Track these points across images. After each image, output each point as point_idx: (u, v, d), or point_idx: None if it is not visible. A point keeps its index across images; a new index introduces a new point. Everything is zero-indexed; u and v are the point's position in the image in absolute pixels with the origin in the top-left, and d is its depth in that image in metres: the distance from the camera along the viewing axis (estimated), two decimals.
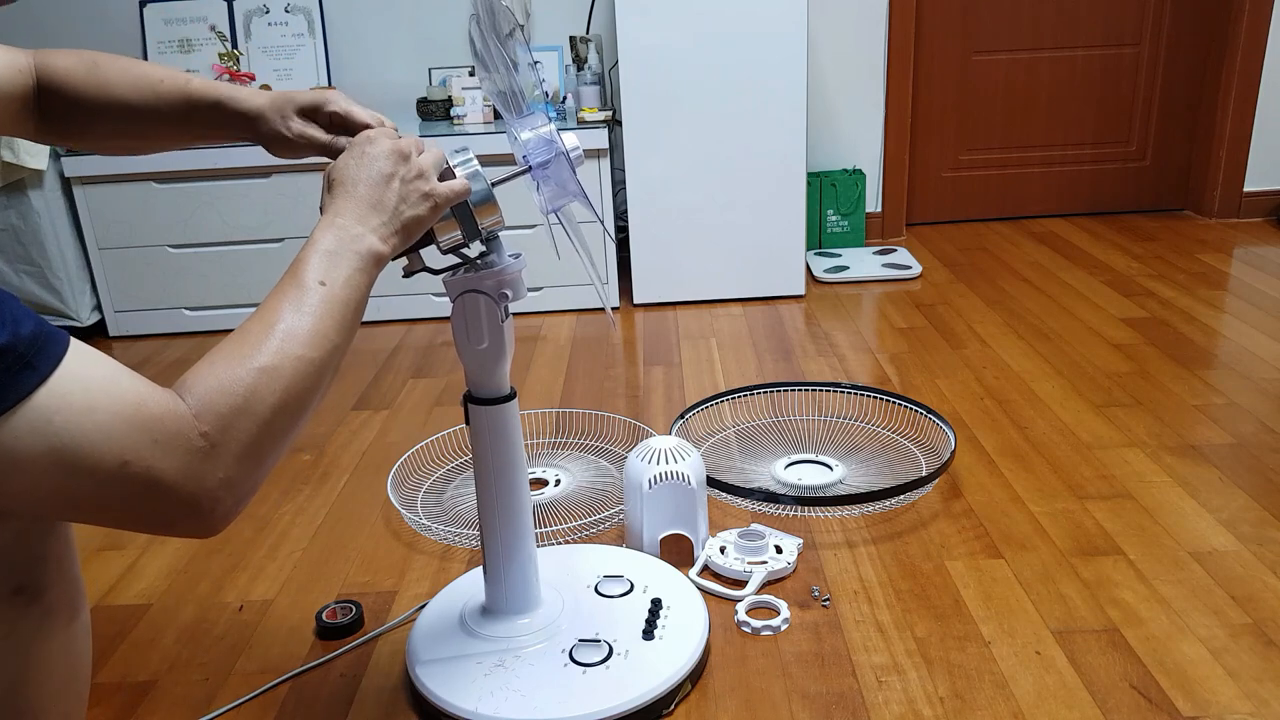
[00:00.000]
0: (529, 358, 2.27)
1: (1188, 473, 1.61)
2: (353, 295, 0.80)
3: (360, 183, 0.85)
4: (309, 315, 0.76)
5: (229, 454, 0.69)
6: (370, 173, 0.86)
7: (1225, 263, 2.69)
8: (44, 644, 0.77)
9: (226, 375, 0.70)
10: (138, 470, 0.65)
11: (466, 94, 2.57)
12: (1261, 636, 1.22)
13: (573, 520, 1.55)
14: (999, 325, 2.31)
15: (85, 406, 0.63)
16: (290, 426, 0.74)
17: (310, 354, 0.75)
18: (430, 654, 1.17)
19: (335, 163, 0.88)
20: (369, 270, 0.82)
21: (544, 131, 1.01)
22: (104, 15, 2.81)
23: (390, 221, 0.85)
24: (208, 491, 0.68)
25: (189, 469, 0.67)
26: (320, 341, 0.76)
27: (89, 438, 0.63)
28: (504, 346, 1.07)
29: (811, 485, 1.62)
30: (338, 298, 0.78)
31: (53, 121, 0.96)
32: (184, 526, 0.69)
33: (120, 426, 0.64)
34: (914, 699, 1.14)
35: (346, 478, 1.74)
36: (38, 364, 0.62)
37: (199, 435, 0.67)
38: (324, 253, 0.80)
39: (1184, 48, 3.05)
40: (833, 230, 2.97)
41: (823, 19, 2.89)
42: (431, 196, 0.89)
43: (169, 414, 0.67)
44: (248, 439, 0.70)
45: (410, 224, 0.87)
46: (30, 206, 2.39)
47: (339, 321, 0.78)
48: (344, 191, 0.85)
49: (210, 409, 0.68)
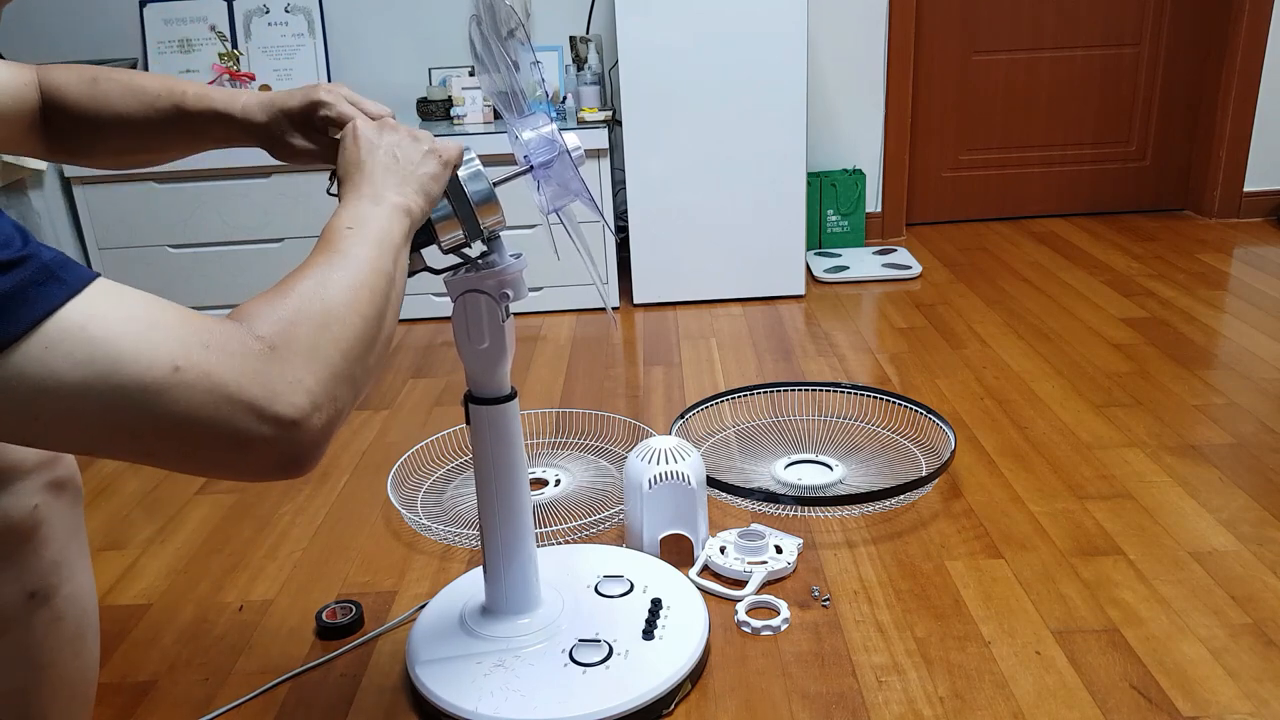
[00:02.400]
0: (529, 358, 2.27)
1: (1188, 473, 1.61)
2: (384, 233, 0.77)
3: (366, 156, 0.84)
4: (344, 246, 0.73)
5: (292, 354, 0.63)
6: (378, 144, 0.85)
7: (1225, 263, 2.69)
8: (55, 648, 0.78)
9: (271, 295, 0.66)
10: (193, 375, 0.58)
11: (466, 94, 2.57)
12: (1261, 636, 1.22)
13: (573, 520, 1.55)
14: (999, 325, 2.31)
15: (124, 315, 0.58)
16: (352, 338, 0.68)
17: (354, 272, 0.71)
18: (430, 654, 1.17)
19: (346, 150, 0.87)
20: (396, 216, 0.79)
21: (546, 131, 1.01)
22: (104, 15, 2.81)
23: (408, 180, 0.84)
24: (280, 396, 0.61)
25: (250, 370, 0.60)
26: (360, 264, 0.72)
27: (132, 343, 0.57)
28: (505, 346, 1.07)
29: (811, 485, 1.62)
30: (369, 234, 0.75)
31: (59, 139, 0.95)
32: (265, 447, 0.61)
33: (166, 332, 0.59)
34: (914, 699, 1.14)
35: (346, 478, 1.74)
36: (66, 278, 0.57)
37: (255, 338, 0.62)
38: (350, 214, 0.78)
39: (1184, 48, 3.05)
40: (833, 230, 2.97)
41: (823, 19, 2.89)
42: (435, 151, 0.87)
43: (217, 324, 0.61)
44: (308, 340, 0.64)
45: (426, 181, 0.85)
46: (30, 206, 2.39)
47: (376, 249, 0.74)
48: (355, 170, 0.84)
49: (258, 317, 0.63)
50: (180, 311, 0.61)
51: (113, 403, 0.57)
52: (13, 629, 0.74)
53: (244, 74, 2.77)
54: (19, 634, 0.75)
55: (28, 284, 0.55)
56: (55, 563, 0.76)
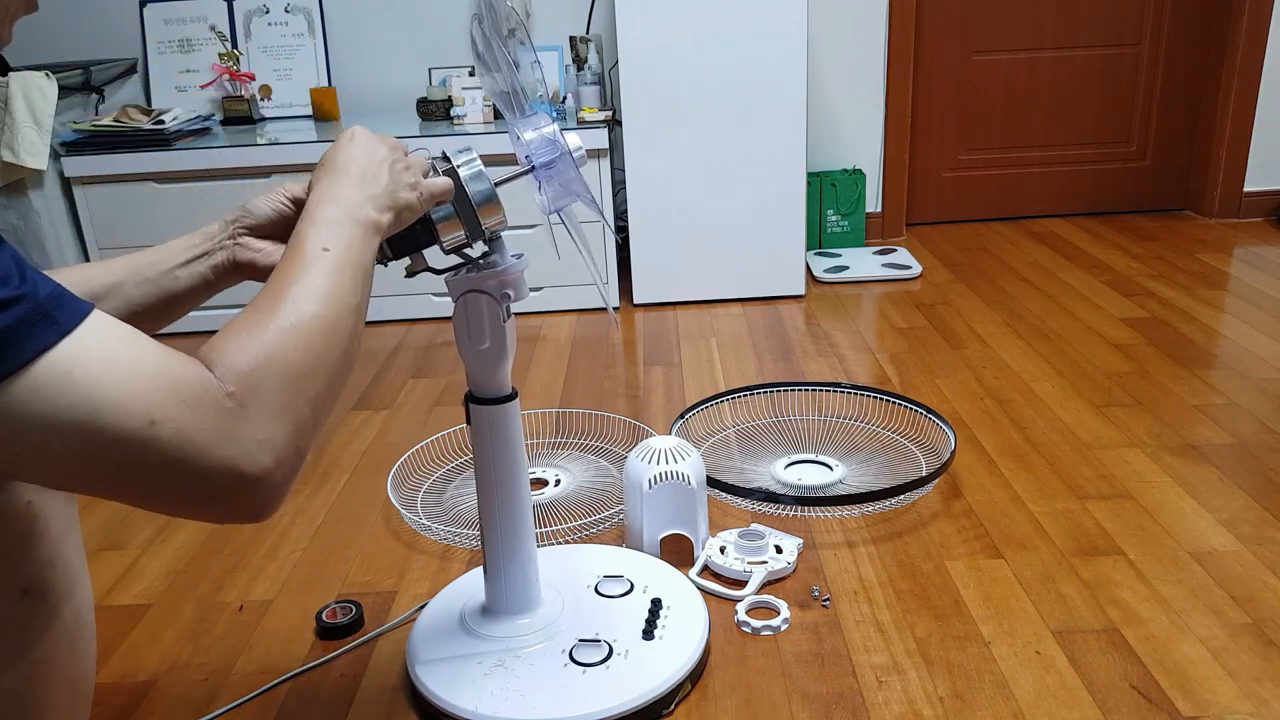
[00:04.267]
0: (529, 358, 2.27)
1: (1188, 473, 1.61)
2: (358, 259, 0.79)
3: (354, 163, 0.85)
4: (318, 276, 0.75)
5: (262, 412, 0.66)
6: (363, 155, 0.86)
7: (1225, 263, 2.69)
8: (50, 645, 0.77)
9: (244, 338, 0.68)
10: (167, 431, 0.61)
11: (466, 94, 2.57)
12: (1261, 636, 1.22)
13: (573, 520, 1.55)
14: (999, 325, 2.31)
15: (107, 360, 0.60)
16: (320, 388, 0.71)
17: (325, 312, 0.73)
18: (430, 654, 1.17)
19: (327, 150, 0.88)
20: (369, 239, 0.82)
21: (547, 131, 1.01)
22: (104, 15, 2.81)
23: (384, 196, 0.85)
24: (248, 455, 0.64)
25: (222, 429, 0.63)
26: (333, 300, 0.74)
27: (112, 394, 0.60)
28: (505, 346, 1.07)
29: (811, 485, 1.62)
30: (343, 260, 0.78)
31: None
32: (231, 501, 0.65)
33: (144, 384, 0.61)
34: (914, 699, 1.14)
35: (346, 478, 1.74)
36: (58, 318, 0.60)
37: (226, 395, 0.64)
38: (323, 222, 0.80)
39: (1184, 48, 3.05)
40: (833, 230, 2.97)
41: (823, 19, 2.89)
42: (419, 188, 0.89)
43: (195, 375, 0.64)
44: (277, 397, 0.67)
45: (402, 208, 0.87)
46: (30, 206, 2.39)
47: (349, 281, 0.77)
48: (336, 172, 0.85)
49: (232, 370, 0.66)
50: (159, 356, 0.63)
51: (88, 449, 0.60)
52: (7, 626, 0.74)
53: (244, 74, 2.77)
54: (14, 631, 0.74)
55: (21, 323, 0.58)
56: (50, 559, 0.76)
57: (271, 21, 2.79)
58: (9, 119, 2.27)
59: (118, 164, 2.42)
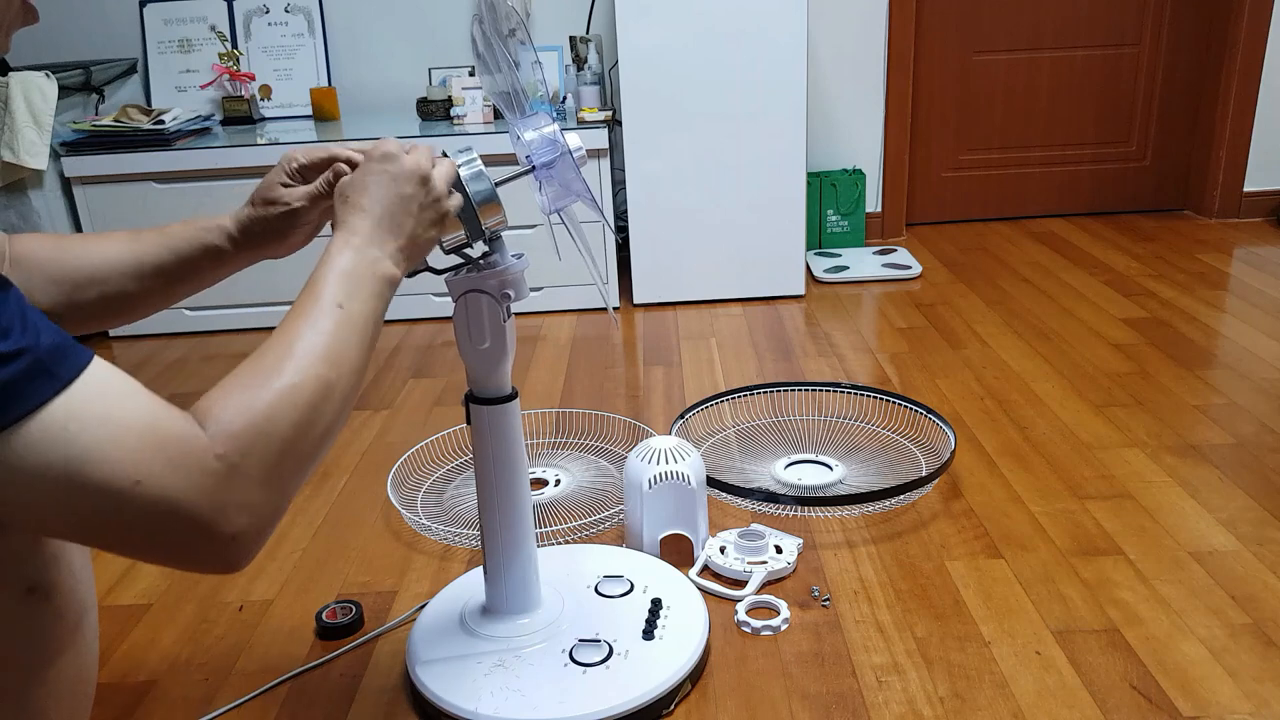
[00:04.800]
0: (529, 358, 2.27)
1: (1188, 473, 1.61)
2: (370, 318, 0.80)
3: (380, 203, 0.85)
4: (327, 335, 0.75)
5: (247, 477, 0.66)
6: (391, 195, 0.85)
7: (1225, 263, 2.69)
8: (53, 644, 0.77)
9: (244, 397, 0.68)
10: (151, 491, 0.62)
11: (466, 94, 2.57)
12: (1261, 636, 1.22)
13: (573, 520, 1.55)
14: (999, 325, 2.31)
15: (101, 417, 0.61)
16: (311, 450, 0.72)
17: (330, 373, 0.73)
18: (430, 654, 1.17)
19: (352, 177, 0.87)
20: (385, 294, 0.82)
21: (548, 131, 1.01)
22: (104, 15, 2.81)
23: (407, 246, 0.86)
24: (226, 517, 0.65)
25: (205, 492, 0.64)
26: (340, 361, 0.75)
27: (102, 451, 0.61)
28: (506, 346, 1.07)
29: (811, 485, 1.62)
30: (356, 319, 0.78)
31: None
32: (204, 557, 0.66)
33: (134, 443, 0.62)
34: (914, 699, 1.14)
35: (346, 478, 1.74)
36: (57, 371, 0.60)
37: (214, 458, 0.65)
38: (342, 273, 0.79)
39: (1184, 48, 3.05)
40: (833, 230, 2.97)
41: (823, 19, 2.89)
42: (445, 217, 0.90)
43: (185, 435, 0.65)
44: (267, 461, 0.68)
45: (424, 246, 0.88)
46: (30, 206, 2.39)
47: (358, 342, 0.77)
48: (362, 211, 0.84)
49: (225, 430, 0.66)
50: (152, 412, 0.64)
51: (70, 500, 0.61)
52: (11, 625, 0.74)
53: (244, 74, 2.77)
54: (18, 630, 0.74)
55: (21, 378, 0.58)
56: (54, 556, 0.76)
57: (271, 21, 2.80)
58: (9, 119, 2.27)
59: (118, 164, 2.43)
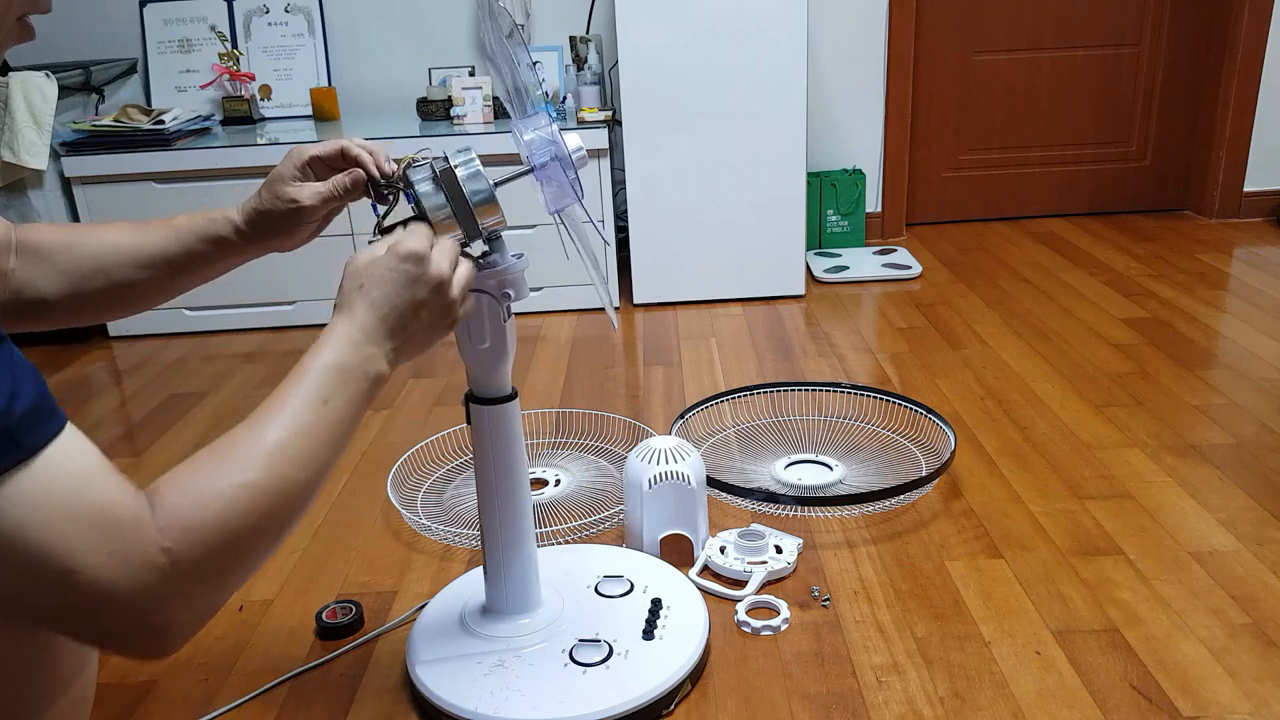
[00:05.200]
0: (529, 358, 2.27)
1: (1188, 473, 1.61)
2: (352, 417, 0.77)
3: (389, 301, 0.82)
4: (303, 434, 0.72)
5: (190, 574, 0.64)
6: (404, 299, 0.83)
7: (1225, 263, 2.69)
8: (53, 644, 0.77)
9: (204, 488, 0.66)
10: (85, 581, 0.60)
11: (466, 94, 2.57)
12: (1261, 636, 1.22)
13: (573, 520, 1.55)
14: (999, 325, 2.31)
15: (48, 499, 0.59)
16: (262, 549, 0.69)
17: (299, 474, 0.71)
18: (430, 654, 1.17)
19: (370, 263, 0.84)
20: (371, 394, 0.80)
21: (546, 132, 1.00)
22: (104, 15, 2.81)
23: (405, 346, 0.83)
24: (162, 613, 0.63)
25: (143, 586, 0.62)
26: (311, 462, 0.72)
27: (40, 536, 0.58)
28: (506, 346, 1.07)
29: (811, 485, 1.62)
30: (338, 419, 0.75)
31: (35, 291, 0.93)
32: (133, 646, 0.64)
33: (77, 530, 0.60)
34: (914, 699, 1.14)
35: (346, 478, 1.74)
36: (24, 441, 0.59)
37: (160, 551, 0.62)
38: (334, 367, 0.77)
39: (1184, 48, 3.05)
40: (833, 230, 2.97)
41: (823, 19, 2.89)
42: (453, 325, 0.88)
43: (133, 524, 0.62)
44: (213, 560, 0.65)
45: (423, 347, 0.86)
46: (30, 206, 2.39)
47: (333, 442, 0.75)
48: (371, 305, 0.81)
49: (178, 523, 0.63)
50: (104, 499, 0.61)
51: (4, 574, 0.59)
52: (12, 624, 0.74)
53: (244, 74, 2.77)
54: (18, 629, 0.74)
55: None
56: None
57: (271, 21, 2.80)
58: (9, 119, 2.27)
59: (118, 164, 2.43)
